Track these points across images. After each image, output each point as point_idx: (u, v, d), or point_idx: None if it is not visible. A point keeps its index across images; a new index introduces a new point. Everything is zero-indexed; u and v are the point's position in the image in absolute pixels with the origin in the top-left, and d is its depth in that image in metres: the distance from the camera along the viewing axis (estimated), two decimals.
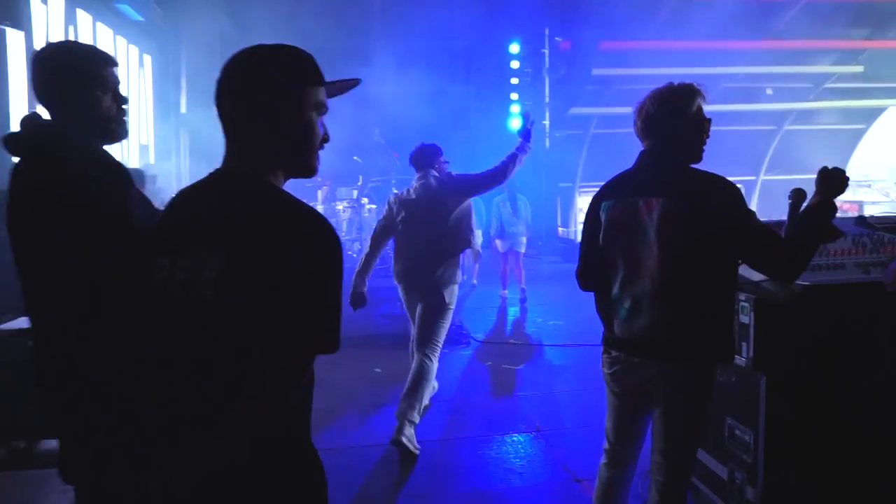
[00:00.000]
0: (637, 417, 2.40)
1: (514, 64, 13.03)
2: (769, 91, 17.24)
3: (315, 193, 8.57)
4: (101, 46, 1.98)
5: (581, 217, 15.56)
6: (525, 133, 4.44)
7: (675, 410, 2.26)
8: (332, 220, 8.92)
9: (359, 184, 8.86)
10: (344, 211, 8.53)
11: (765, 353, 2.71)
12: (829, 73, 17.25)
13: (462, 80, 12.80)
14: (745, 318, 2.77)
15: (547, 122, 13.04)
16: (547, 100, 13.17)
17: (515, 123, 13.13)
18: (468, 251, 4.48)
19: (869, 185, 24.96)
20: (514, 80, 13.09)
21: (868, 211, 20.09)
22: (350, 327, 6.46)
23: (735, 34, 15.70)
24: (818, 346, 2.68)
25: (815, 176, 2.14)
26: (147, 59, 9.82)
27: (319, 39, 11.35)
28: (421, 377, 4.10)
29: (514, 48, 12.99)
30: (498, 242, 8.31)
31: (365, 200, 8.61)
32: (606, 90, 15.86)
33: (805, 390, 2.70)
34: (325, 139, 1.42)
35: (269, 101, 1.35)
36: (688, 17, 14.96)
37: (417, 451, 3.95)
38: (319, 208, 8.73)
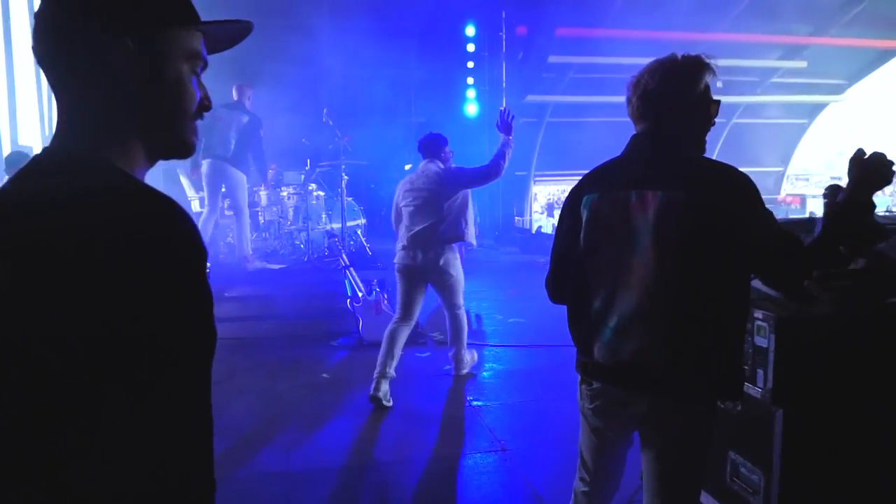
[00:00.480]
0: (623, 454, 2.04)
1: (470, 47, 12.44)
2: (719, 84, 17.09)
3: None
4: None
5: (536, 206, 15.41)
6: (505, 127, 4.51)
7: (672, 455, 1.84)
8: (276, 208, 8.28)
9: (306, 168, 8.13)
10: (289, 198, 7.77)
11: (786, 384, 2.25)
12: (775, 68, 17.35)
13: (416, 62, 12.12)
14: (762, 341, 2.29)
15: (505, 109, 12.48)
16: (504, 85, 12.64)
17: (472, 109, 12.58)
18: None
19: (807, 179, 25.60)
20: (470, 64, 12.50)
21: (811, 205, 20.46)
22: (294, 326, 5.83)
23: (688, 25, 15.56)
24: (853, 377, 2.23)
25: (760, 169, 1.67)
26: None
27: (261, 11, 10.50)
28: (459, 328, 4.71)
29: (470, 31, 12.39)
30: None
31: (313, 186, 7.88)
32: (562, 78, 15.48)
33: (833, 427, 2.25)
34: (205, 105, 0.98)
35: (117, 47, 0.88)
36: (643, 6, 14.71)
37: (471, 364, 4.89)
38: (262, 195, 8.01)
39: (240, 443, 3.87)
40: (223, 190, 6.57)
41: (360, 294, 5.53)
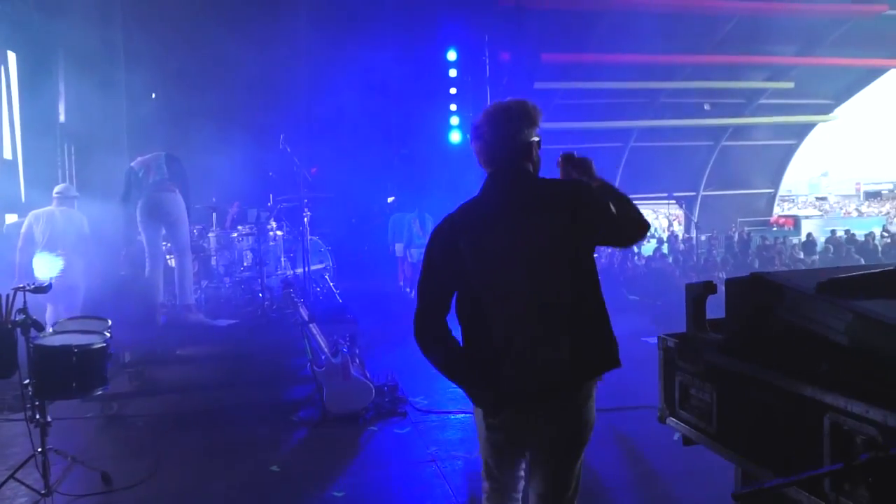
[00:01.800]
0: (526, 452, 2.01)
1: (453, 72, 11.45)
2: (707, 107, 16.37)
3: (210, 216, 6.56)
4: None
5: None
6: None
7: (572, 441, 1.92)
8: (227, 253, 7.08)
9: (269, 204, 6.95)
10: (240, 239, 6.48)
11: None
12: (762, 89, 16.58)
13: (395, 88, 11.13)
14: None
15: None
16: None
17: (456, 136, 11.55)
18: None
19: (793, 200, 24.83)
20: (453, 90, 11.50)
21: (806, 226, 19.54)
22: (244, 395, 4.32)
23: (674, 48, 14.78)
24: None
25: (751, 191, 2.43)
26: (11, 56, 7.69)
27: (229, 46, 9.47)
28: None
29: (452, 55, 11.42)
30: (412, 252, 8.91)
31: (273, 224, 6.63)
32: (548, 104, 14.59)
33: None
34: None
35: None
36: (627, 30, 13.93)
37: None
38: (210, 237, 6.80)
39: None
40: (163, 232, 5.37)
41: (322, 356, 4.32)
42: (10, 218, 7.51)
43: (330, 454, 3.89)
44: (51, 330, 3.26)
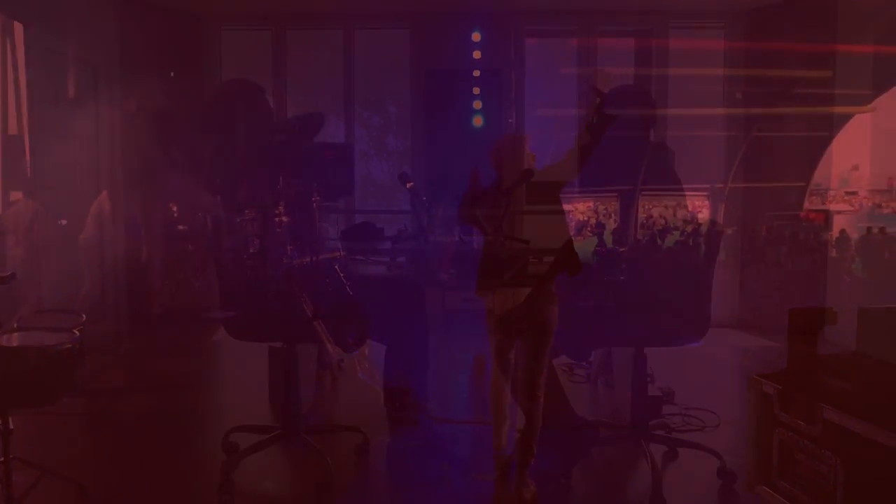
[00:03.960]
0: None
1: (476, 54, 10.82)
2: (739, 95, 15.53)
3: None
4: None
5: None
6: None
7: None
8: (230, 238, 6.59)
9: (277, 187, 6.43)
10: (243, 224, 5.95)
11: None
12: (796, 78, 15.73)
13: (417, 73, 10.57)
14: None
15: (513, 122, 10.89)
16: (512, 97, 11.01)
17: (478, 121, 10.97)
18: None
19: (821, 194, 23.79)
20: (476, 73, 10.87)
21: (837, 222, 18.61)
22: (238, 390, 3.89)
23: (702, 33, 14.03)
24: None
25: (783, 184, 4.81)
26: (18, 27, 7.26)
27: None
28: None
29: (476, 37, 10.78)
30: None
31: (280, 209, 6.08)
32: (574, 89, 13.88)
33: None
34: None
35: None
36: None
37: None
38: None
39: None
40: (161, 215, 4.93)
41: (326, 358, 3.85)
42: (16, 196, 7.16)
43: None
44: (14, 325, 2.82)
